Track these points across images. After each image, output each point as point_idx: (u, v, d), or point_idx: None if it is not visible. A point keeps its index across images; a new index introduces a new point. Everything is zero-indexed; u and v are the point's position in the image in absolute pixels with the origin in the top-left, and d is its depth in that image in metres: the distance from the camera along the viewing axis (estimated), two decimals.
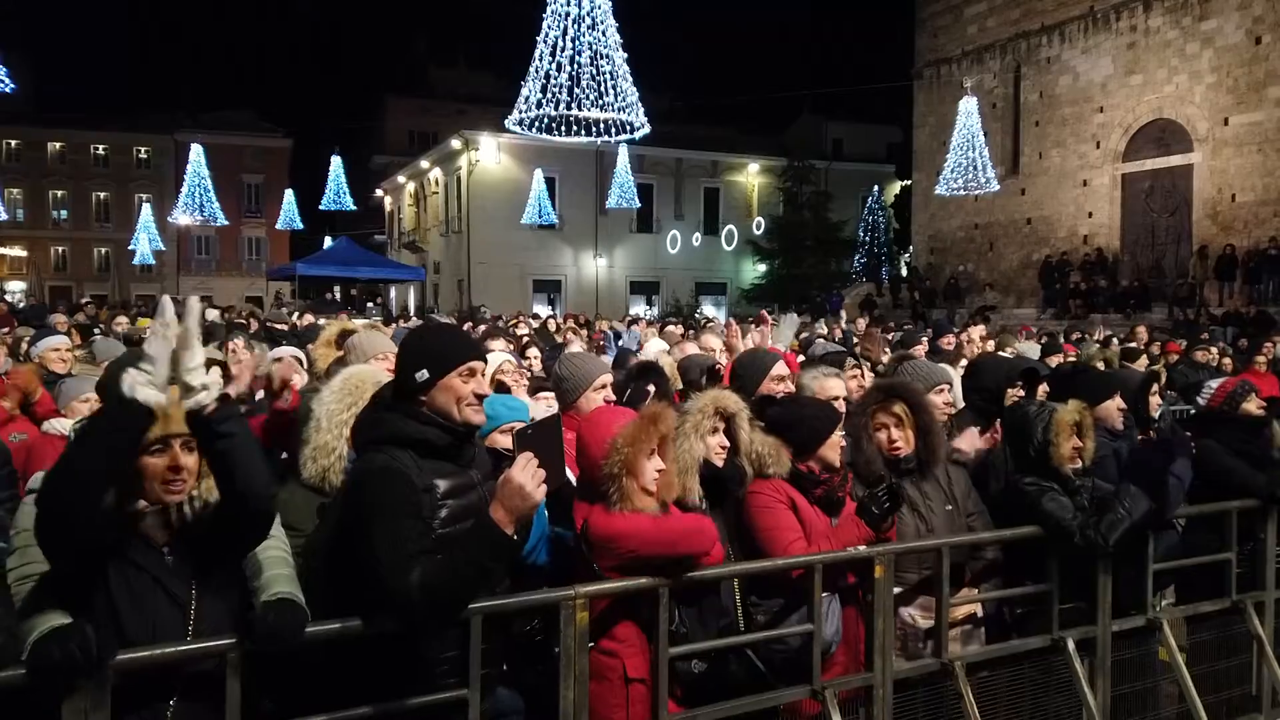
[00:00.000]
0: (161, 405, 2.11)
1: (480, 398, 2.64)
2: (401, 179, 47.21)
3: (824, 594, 3.13)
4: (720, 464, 3.13)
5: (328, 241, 43.34)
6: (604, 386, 3.90)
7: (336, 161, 33.84)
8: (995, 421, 4.11)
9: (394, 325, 12.85)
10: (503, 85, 40.61)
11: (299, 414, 3.53)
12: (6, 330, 8.18)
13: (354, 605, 2.44)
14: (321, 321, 14.06)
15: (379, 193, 50.38)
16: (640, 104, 13.83)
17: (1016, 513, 3.71)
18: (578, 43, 13.33)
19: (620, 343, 12.67)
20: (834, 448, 3.42)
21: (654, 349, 6.86)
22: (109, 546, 2.22)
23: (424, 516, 2.44)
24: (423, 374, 2.53)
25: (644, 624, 2.86)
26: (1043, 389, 4.69)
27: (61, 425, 4.33)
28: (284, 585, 2.41)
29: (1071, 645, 3.60)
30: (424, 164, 43.09)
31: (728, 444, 3.17)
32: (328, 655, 2.44)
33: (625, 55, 13.50)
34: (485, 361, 2.97)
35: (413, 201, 46.77)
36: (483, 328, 10.61)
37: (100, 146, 52.31)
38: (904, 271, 35.31)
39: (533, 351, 7.00)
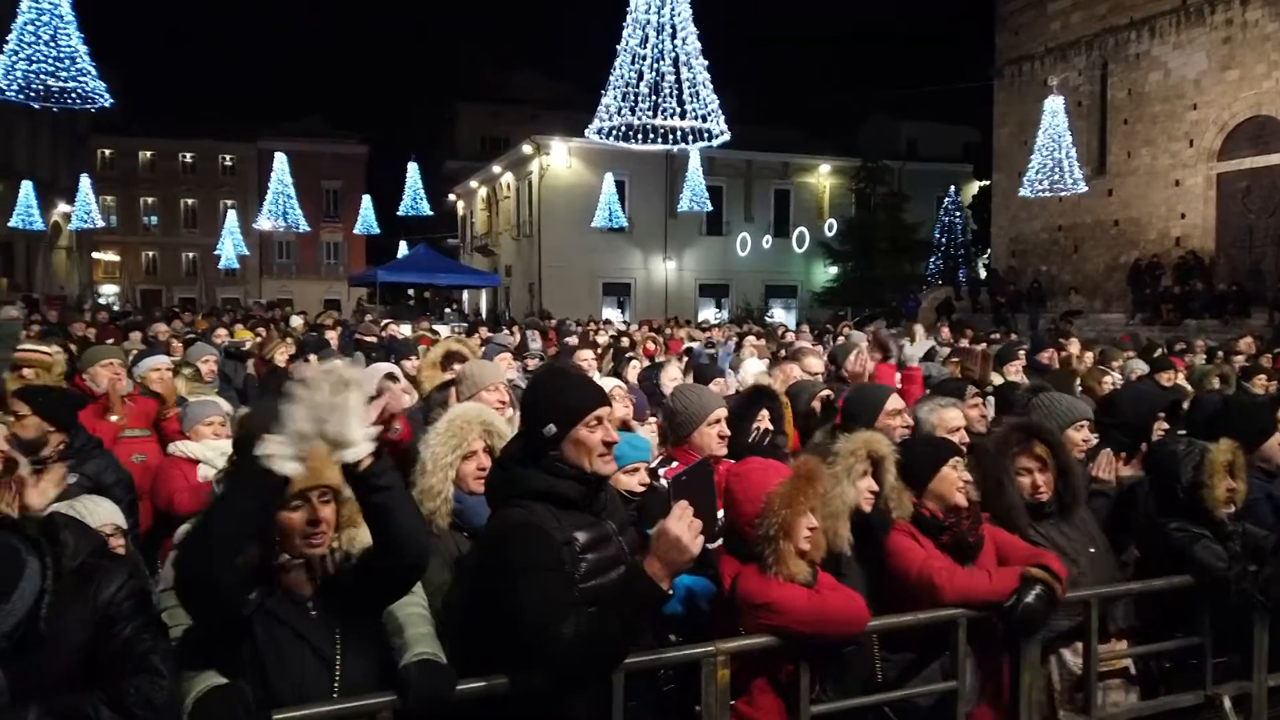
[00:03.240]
0: (298, 475, 2.10)
1: (610, 445, 2.58)
2: (474, 184, 47.83)
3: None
4: (868, 509, 3.01)
5: (403, 246, 44.16)
6: (718, 421, 3.79)
7: (413, 168, 34.42)
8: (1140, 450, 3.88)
9: (477, 333, 12.95)
10: (573, 89, 40.89)
11: (408, 452, 3.51)
12: (113, 341, 8.41)
13: (494, 662, 2.39)
14: (405, 328, 14.28)
15: (452, 197, 51.12)
16: (721, 111, 13.67)
17: (1160, 558, 3.50)
18: (659, 50, 13.25)
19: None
20: (949, 484, 3.23)
21: (751, 371, 6.73)
22: (253, 603, 2.20)
23: (567, 570, 2.39)
24: (550, 429, 2.50)
25: (779, 678, 2.77)
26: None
27: (188, 448, 4.39)
28: (427, 645, 2.38)
29: (1228, 703, 3.37)
30: (496, 169, 43.57)
31: (877, 488, 3.05)
32: (470, 714, 2.39)
33: (706, 63, 13.37)
34: (610, 407, 2.90)
35: (485, 206, 47.35)
36: (571, 339, 10.60)
37: (187, 155, 54.28)
38: (982, 274, 34.40)
39: (634, 365, 6.92)
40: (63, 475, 3.25)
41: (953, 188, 40.35)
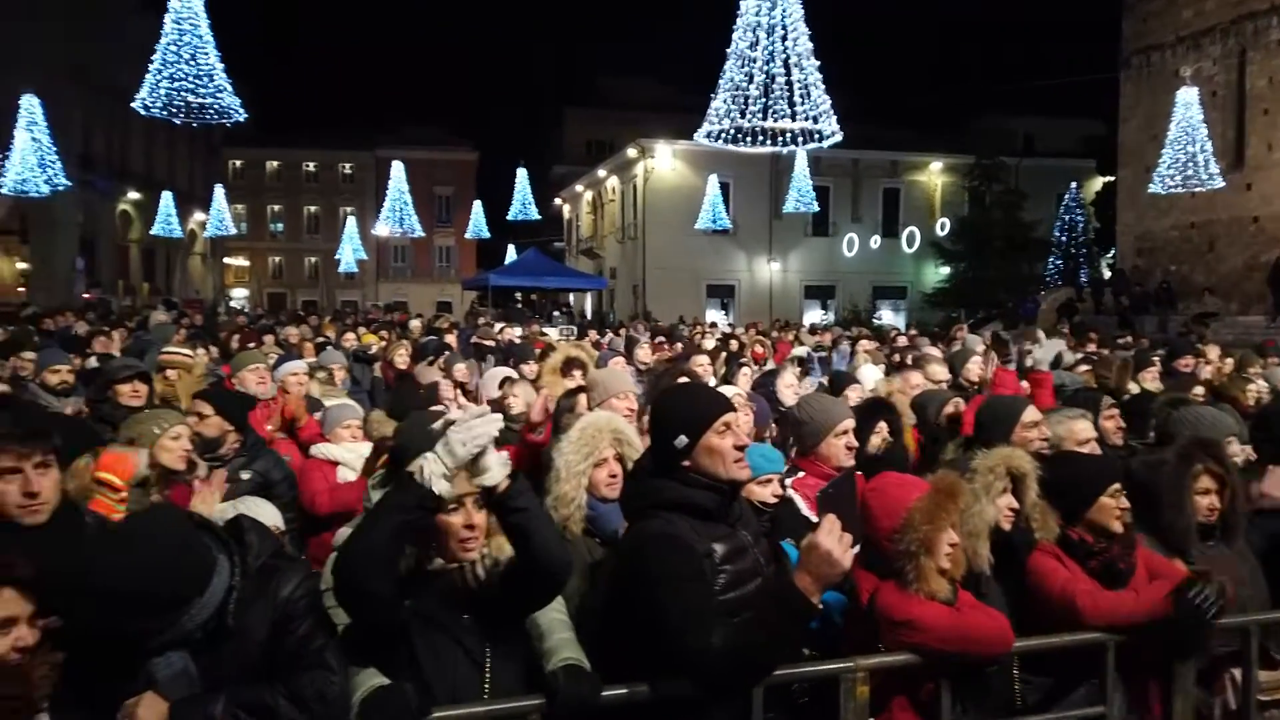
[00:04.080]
0: (451, 494, 2.20)
1: (741, 449, 2.60)
2: (579, 188, 48.52)
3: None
4: (1008, 527, 2.94)
5: (511, 249, 45.17)
6: (846, 432, 3.75)
7: (522, 174, 35.18)
8: None
9: (587, 336, 13.15)
10: (678, 92, 40.96)
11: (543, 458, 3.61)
12: (254, 345, 8.90)
13: (635, 669, 2.44)
14: (518, 331, 14.60)
15: (558, 201, 51.99)
16: (832, 111, 13.48)
17: None
18: (769, 52, 13.17)
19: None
20: (1108, 512, 3.09)
21: (870, 378, 6.62)
22: (409, 608, 2.31)
23: (707, 581, 2.42)
24: (681, 440, 2.53)
25: (919, 697, 2.72)
26: None
27: (328, 450, 4.62)
28: (571, 650, 2.45)
29: None
30: (601, 173, 44.07)
31: (1017, 506, 2.97)
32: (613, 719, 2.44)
33: (818, 63, 13.21)
34: (737, 412, 2.92)
35: (590, 209, 47.96)
36: (680, 345, 10.64)
37: (310, 164, 57.00)
38: (1106, 274, 32.78)
39: (745, 372, 6.90)
40: (224, 480, 3.48)
41: (1074, 184, 38.60)
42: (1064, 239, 37.78)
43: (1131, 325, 22.91)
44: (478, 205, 41.29)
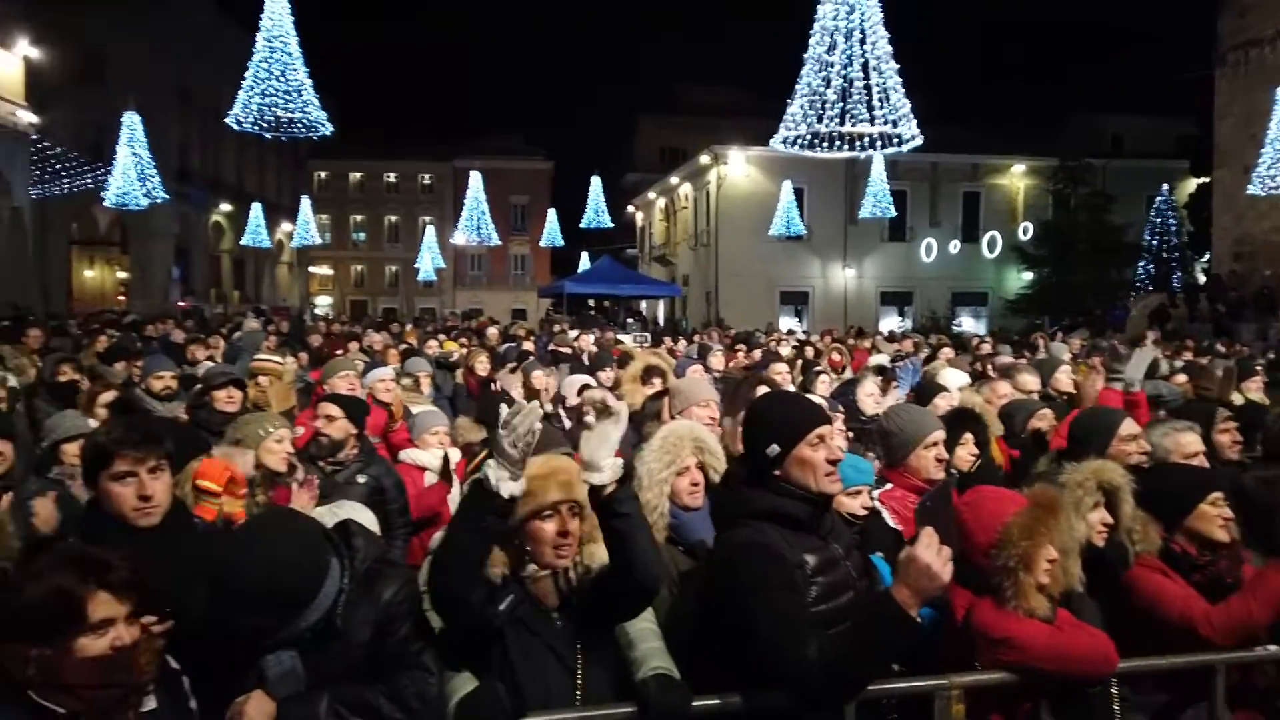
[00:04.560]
0: (518, 495, 2.24)
1: (834, 463, 2.57)
2: (652, 195, 48.69)
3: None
4: (1101, 543, 2.84)
5: (584, 257, 45.55)
6: (936, 444, 3.67)
7: (596, 182, 35.46)
8: None
9: (662, 343, 13.17)
10: (751, 98, 40.79)
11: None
12: (342, 352, 9.16)
13: (724, 680, 2.43)
14: (590, 337, 14.70)
15: (630, 209, 52.27)
16: (912, 115, 13.25)
17: None
18: (847, 56, 13.02)
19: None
20: (1209, 520, 2.99)
21: (953, 383, 6.46)
22: (503, 614, 2.34)
23: (800, 591, 2.40)
24: (774, 449, 2.51)
25: (1016, 717, 2.65)
26: None
27: (417, 456, 4.73)
28: (661, 659, 2.46)
29: None
30: (674, 180, 44.15)
31: (1110, 521, 2.87)
32: None
33: (897, 66, 13.00)
34: (831, 424, 2.89)
35: (663, 216, 48.09)
36: (758, 352, 10.58)
37: (391, 175, 58.54)
38: (1201, 279, 31.42)
39: (824, 379, 6.82)
40: (315, 488, 3.59)
41: (1165, 186, 37.14)
42: (1155, 243, 36.37)
43: (1229, 332, 21.91)
44: (552, 214, 41.79)
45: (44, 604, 1.80)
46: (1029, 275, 37.88)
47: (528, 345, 12.03)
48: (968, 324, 36.15)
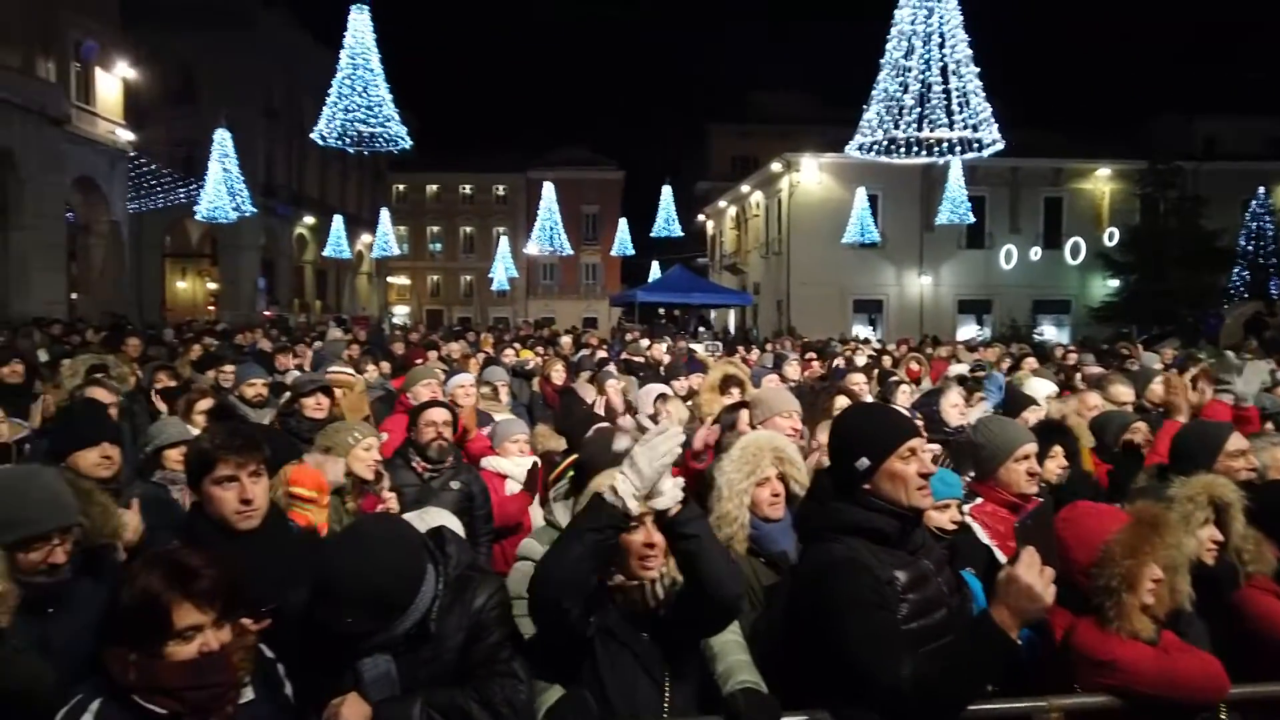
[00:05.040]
0: (638, 512, 2.24)
1: (926, 477, 2.51)
2: (723, 203, 48.59)
3: None
4: (1211, 561, 2.72)
5: (654, 266, 45.69)
6: (1028, 457, 3.56)
7: (667, 192, 35.57)
8: None
9: (737, 352, 13.10)
10: (821, 105, 40.43)
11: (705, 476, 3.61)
12: (421, 361, 9.34)
13: (812, 695, 2.40)
14: (663, 346, 14.69)
15: (701, 217, 52.25)
16: (993, 119, 12.95)
17: None
18: (925, 60, 12.79)
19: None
20: None
21: (1041, 393, 6.29)
22: (594, 624, 2.35)
23: (891, 608, 2.35)
24: (863, 462, 2.45)
25: None
26: None
27: (498, 464, 4.79)
28: (748, 673, 2.44)
29: None
30: (745, 188, 43.97)
31: (1221, 539, 2.75)
32: None
33: (977, 70, 12.73)
34: (923, 437, 2.82)
35: (734, 225, 47.93)
36: (839, 361, 10.43)
37: (466, 186, 59.77)
38: None
39: (905, 389, 6.69)
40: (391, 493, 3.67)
41: (1261, 189, 35.47)
42: (1251, 248, 34.75)
43: None
44: (623, 223, 42.07)
45: (135, 610, 1.88)
46: (1115, 282, 36.58)
47: (601, 354, 12.09)
48: (1049, 333, 35.08)
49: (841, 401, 5.32)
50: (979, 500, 3.48)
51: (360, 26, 17.65)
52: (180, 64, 37.00)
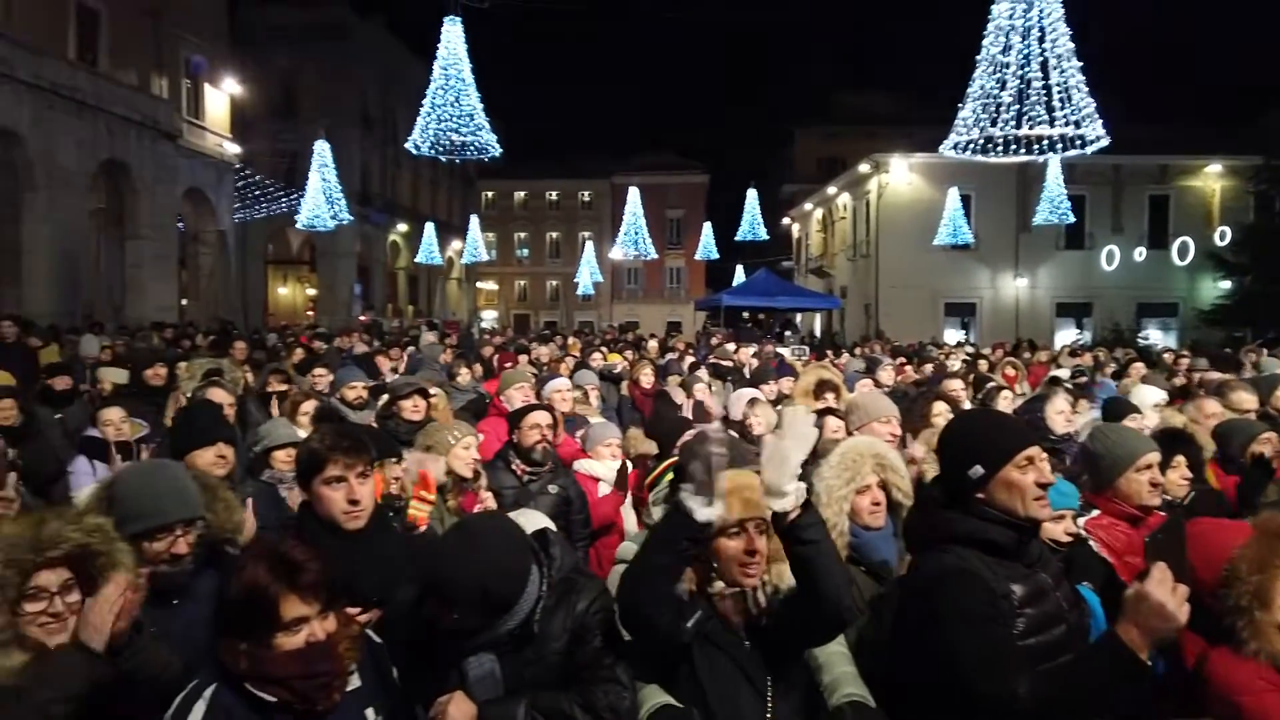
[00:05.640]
0: (720, 520, 2.19)
1: (1044, 487, 2.40)
2: (809, 206, 48.00)
3: None
4: None
5: (739, 269, 45.42)
6: (1150, 467, 3.37)
7: (752, 195, 35.31)
8: None
9: (827, 358, 12.89)
10: (912, 104, 39.54)
11: None
12: (512, 365, 9.46)
13: (918, 712, 2.32)
14: (750, 350, 14.56)
15: (786, 221, 51.74)
16: (1097, 115, 12.44)
17: None
18: (1024, 55, 12.37)
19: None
20: None
21: (1147, 400, 5.99)
22: (691, 631, 2.31)
23: (1006, 623, 2.25)
24: (977, 470, 2.35)
25: None
26: None
27: (591, 467, 4.82)
28: (855, 686, 2.38)
29: None
30: (831, 190, 43.35)
31: None
32: None
33: (1079, 64, 12.24)
34: (1039, 445, 2.70)
35: (820, 228, 47.30)
36: (928, 367, 10.17)
37: (553, 193, 60.59)
38: None
39: (1006, 395, 6.46)
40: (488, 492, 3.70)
41: None
42: None
43: None
44: (707, 227, 41.96)
45: (244, 603, 1.95)
46: (1227, 284, 34.70)
47: (689, 359, 12.06)
48: (1155, 337, 33.50)
49: (940, 407, 5.16)
50: (1095, 512, 3.32)
51: (453, 38, 18.03)
52: (281, 78, 38.50)
